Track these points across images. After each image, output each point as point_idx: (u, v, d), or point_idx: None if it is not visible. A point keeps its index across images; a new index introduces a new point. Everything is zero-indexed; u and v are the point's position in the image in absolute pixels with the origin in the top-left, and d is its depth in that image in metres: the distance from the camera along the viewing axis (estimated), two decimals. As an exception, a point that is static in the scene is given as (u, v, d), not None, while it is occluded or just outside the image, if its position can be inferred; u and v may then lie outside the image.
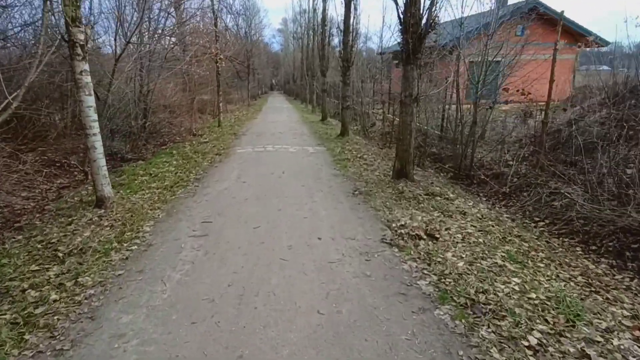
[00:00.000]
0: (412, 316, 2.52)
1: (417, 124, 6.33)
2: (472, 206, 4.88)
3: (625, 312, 2.58)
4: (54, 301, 2.66)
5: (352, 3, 10.21)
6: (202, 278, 3.03)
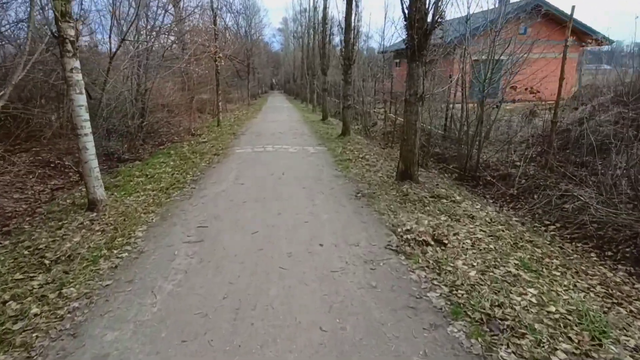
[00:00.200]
0: (424, 333, 2.31)
1: (421, 124, 6.12)
2: (480, 209, 4.67)
3: (653, 328, 2.37)
4: (35, 315, 2.46)
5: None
6: (196, 289, 2.83)
